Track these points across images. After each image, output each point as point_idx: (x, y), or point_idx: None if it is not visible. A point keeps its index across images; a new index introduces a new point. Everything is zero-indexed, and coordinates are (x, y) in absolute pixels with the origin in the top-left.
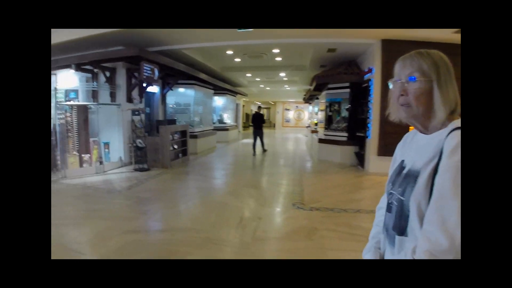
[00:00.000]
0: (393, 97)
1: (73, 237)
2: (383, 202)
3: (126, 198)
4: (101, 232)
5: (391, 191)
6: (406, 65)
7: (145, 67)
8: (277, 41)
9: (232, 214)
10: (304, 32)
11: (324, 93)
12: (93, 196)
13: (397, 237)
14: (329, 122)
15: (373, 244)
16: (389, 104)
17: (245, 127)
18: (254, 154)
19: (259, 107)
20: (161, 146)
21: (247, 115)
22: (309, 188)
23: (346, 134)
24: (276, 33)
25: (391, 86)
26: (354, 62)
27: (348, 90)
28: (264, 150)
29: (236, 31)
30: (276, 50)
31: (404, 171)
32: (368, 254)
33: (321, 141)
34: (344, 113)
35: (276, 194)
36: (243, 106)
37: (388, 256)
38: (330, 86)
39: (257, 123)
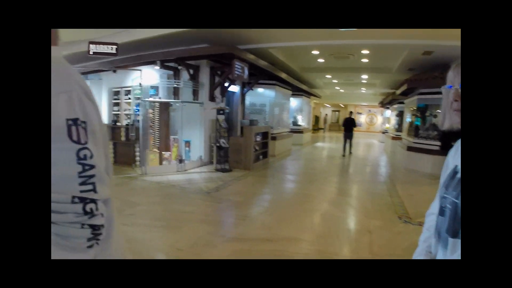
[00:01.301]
0: (446, 104)
1: (173, 242)
2: (433, 207)
3: (217, 200)
4: (202, 238)
5: (445, 195)
6: (460, 72)
7: (236, 65)
8: (370, 42)
9: (337, 225)
10: (401, 32)
11: (413, 98)
12: (181, 196)
13: (450, 240)
14: (416, 129)
15: (424, 248)
16: (442, 111)
17: (315, 129)
18: (344, 155)
19: (351, 112)
20: (244, 147)
21: (316, 117)
22: (409, 200)
23: (439, 143)
24: (371, 33)
25: (444, 92)
26: (449, 66)
27: (441, 96)
28: (350, 153)
29: (328, 31)
30: (365, 51)
31: (458, 175)
32: (419, 257)
33: (410, 149)
34: (435, 120)
35: (375, 205)
36: (313, 108)
37: (440, 258)
38: (421, 91)
39: (349, 126)
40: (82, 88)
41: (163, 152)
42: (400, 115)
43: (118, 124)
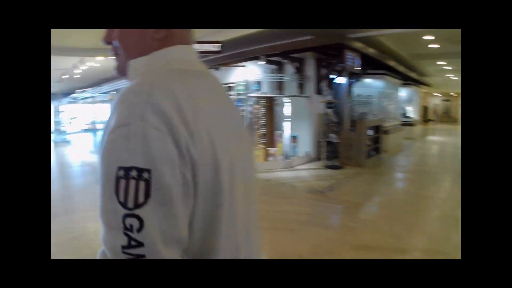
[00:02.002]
0: None
1: (293, 248)
2: None
3: (333, 201)
4: (324, 245)
5: None
6: None
7: (348, 56)
8: None
9: None
10: None
11: None
12: (293, 195)
13: None
14: None
15: None
16: None
17: (425, 121)
18: None
19: None
20: (356, 142)
21: (425, 108)
22: None
23: None
24: None
25: None
26: None
27: None
28: None
29: None
30: None
31: None
32: None
33: None
34: None
35: None
36: (421, 98)
37: None
38: None
39: None
40: (157, 117)
41: (268, 148)
42: None
43: None
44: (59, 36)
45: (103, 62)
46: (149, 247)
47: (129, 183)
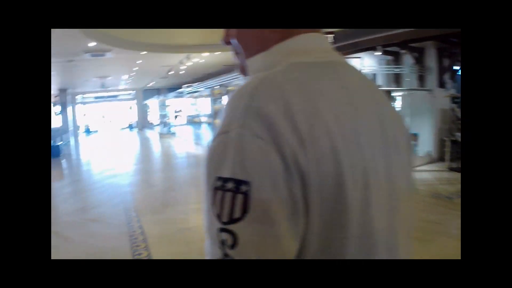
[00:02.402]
0: None
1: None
2: None
3: None
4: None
5: None
6: None
7: None
8: None
9: None
10: None
11: None
12: (416, 200)
13: None
14: None
15: None
16: None
17: None
18: None
19: None
20: None
21: None
22: None
23: None
24: None
25: None
26: None
27: None
28: None
29: None
30: None
31: None
32: None
33: None
34: None
35: None
36: None
37: None
38: None
39: None
40: (259, 123)
41: None
42: None
43: None
44: (168, 34)
45: (208, 58)
46: None
47: (225, 195)
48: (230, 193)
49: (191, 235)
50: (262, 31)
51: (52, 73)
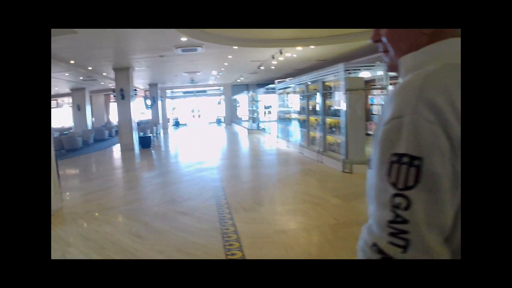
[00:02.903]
0: None
1: None
2: None
3: None
4: None
5: None
6: None
7: None
8: None
9: None
10: None
11: None
12: None
13: None
14: None
15: None
16: None
17: None
18: None
19: None
20: None
21: None
22: None
23: None
24: None
25: None
26: None
27: None
28: None
29: None
30: None
31: None
32: None
33: None
34: None
35: None
36: None
37: None
38: None
39: None
40: (429, 111)
41: None
42: None
43: None
44: (260, 29)
45: (300, 52)
46: (413, 225)
47: (401, 168)
48: (405, 166)
49: (288, 239)
50: (413, 32)
51: (142, 68)
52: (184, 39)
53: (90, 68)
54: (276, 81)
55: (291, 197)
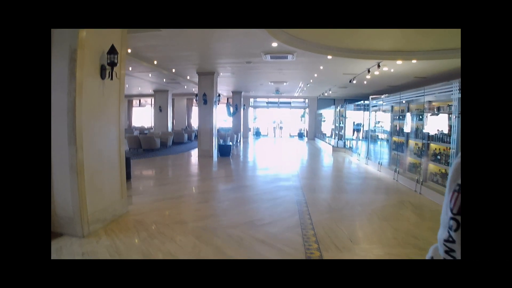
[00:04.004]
0: None
1: None
2: None
3: None
4: None
5: None
6: None
7: None
8: None
9: None
10: None
11: None
12: None
13: None
14: None
15: None
16: None
17: None
18: None
19: None
20: None
21: None
22: None
23: None
24: None
25: None
26: None
27: None
28: None
29: None
30: None
31: None
32: None
33: None
34: None
35: None
36: None
37: None
38: None
39: None
40: None
41: None
42: None
43: None
44: (362, 38)
45: (399, 67)
46: (458, 245)
47: (458, 196)
48: (457, 193)
49: None
50: None
51: (227, 73)
52: (275, 44)
53: (173, 70)
54: (370, 97)
55: (391, 237)
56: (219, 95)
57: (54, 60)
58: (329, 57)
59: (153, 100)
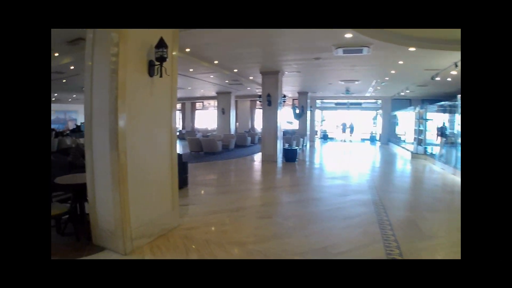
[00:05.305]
0: None
1: None
2: None
3: None
4: None
5: None
6: None
7: None
8: None
9: None
10: None
11: None
12: None
13: None
14: None
15: None
16: None
17: None
18: None
19: None
20: None
21: None
22: None
23: None
24: None
25: None
26: None
27: None
28: None
29: None
30: None
31: None
32: None
33: None
34: None
35: None
36: None
37: None
38: None
39: None
40: None
41: None
42: None
43: None
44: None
45: None
46: None
47: None
48: None
49: None
50: None
51: (293, 72)
52: (349, 35)
53: (235, 70)
54: (458, 96)
55: None
56: (284, 96)
57: (96, 55)
58: (412, 49)
59: (216, 102)
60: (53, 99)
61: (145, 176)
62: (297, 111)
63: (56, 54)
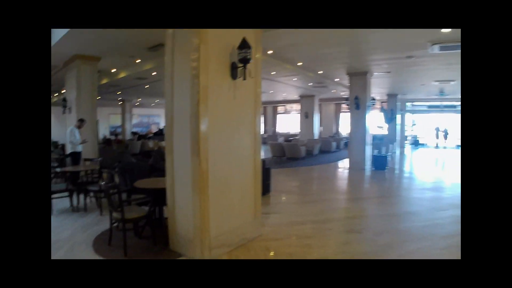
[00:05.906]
0: None
1: None
2: None
3: None
4: None
5: None
6: None
7: None
8: None
9: None
10: None
11: None
12: None
13: None
14: None
15: None
16: None
17: None
18: None
19: None
20: None
21: None
22: None
23: None
24: None
25: None
26: None
27: None
28: None
29: None
30: None
31: None
32: None
33: None
34: None
35: None
36: None
37: None
38: None
39: None
40: None
41: None
42: None
43: None
44: None
45: None
46: None
47: None
48: None
49: None
50: None
51: (381, 73)
52: (446, 30)
53: (320, 72)
54: None
55: None
56: (373, 99)
57: (176, 61)
58: None
59: (299, 106)
60: (137, 103)
61: (227, 183)
62: (388, 114)
63: (138, 61)
